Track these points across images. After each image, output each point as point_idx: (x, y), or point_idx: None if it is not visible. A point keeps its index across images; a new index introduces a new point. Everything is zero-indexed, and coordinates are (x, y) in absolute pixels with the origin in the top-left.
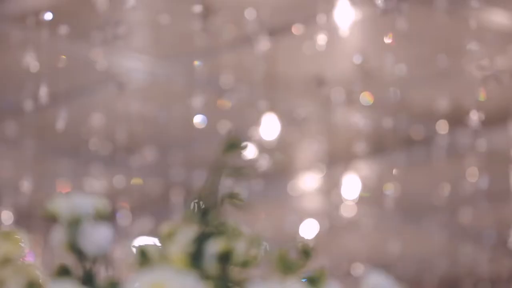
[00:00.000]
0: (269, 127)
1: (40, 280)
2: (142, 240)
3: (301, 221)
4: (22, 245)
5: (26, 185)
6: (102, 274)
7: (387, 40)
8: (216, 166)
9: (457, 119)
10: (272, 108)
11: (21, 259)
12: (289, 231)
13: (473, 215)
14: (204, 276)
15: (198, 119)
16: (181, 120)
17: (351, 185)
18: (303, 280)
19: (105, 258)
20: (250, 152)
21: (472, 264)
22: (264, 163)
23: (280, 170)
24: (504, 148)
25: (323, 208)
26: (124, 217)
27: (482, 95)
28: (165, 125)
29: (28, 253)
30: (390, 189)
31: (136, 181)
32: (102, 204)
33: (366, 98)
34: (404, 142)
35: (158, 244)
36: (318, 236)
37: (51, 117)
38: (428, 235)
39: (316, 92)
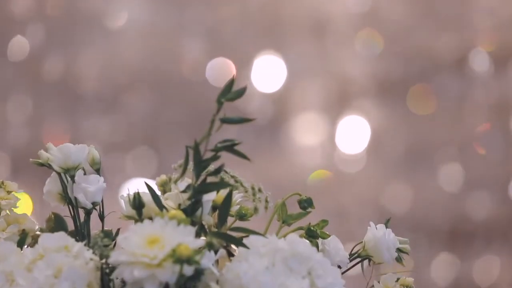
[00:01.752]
0: (270, 73)
1: (35, 230)
2: (138, 184)
3: (302, 171)
4: (15, 195)
5: (21, 133)
6: (95, 225)
7: None
8: (214, 113)
9: (461, 65)
10: (272, 53)
11: (13, 209)
12: (289, 182)
13: (482, 163)
14: (202, 229)
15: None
16: (178, 66)
17: (355, 133)
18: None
19: (98, 209)
20: (249, 98)
21: (482, 213)
22: (264, 111)
23: (280, 119)
24: (507, 94)
25: (325, 158)
26: (120, 165)
27: (490, 45)
28: (161, 72)
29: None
30: (397, 138)
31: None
32: (96, 153)
33: (371, 43)
34: (409, 89)
35: (155, 187)
36: (319, 186)
37: (43, 63)
38: (437, 184)
39: (318, 37)
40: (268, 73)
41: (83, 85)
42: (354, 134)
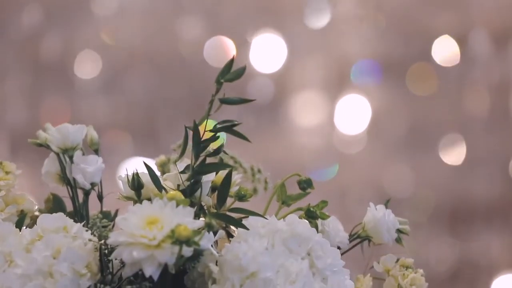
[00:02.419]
0: (269, 52)
1: (34, 210)
2: (137, 164)
3: (301, 152)
4: (14, 175)
5: (20, 114)
6: (94, 206)
7: None
8: (213, 94)
9: (462, 45)
10: (272, 32)
11: (11, 189)
12: (289, 162)
13: (482, 143)
14: (201, 210)
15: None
16: (177, 46)
17: (355, 113)
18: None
19: (97, 190)
20: (249, 78)
21: (483, 194)
22: (264, 91)
23: (280, 99)
24: (507, 74)
25: (325, 139)
26: (118, 147)
27: (490, 25)
28: (160, 52)
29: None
30: (397, 118)
31: None
32: (94, 133)
33: (371, 22)
34: (409, 69)
35: (155, 167)
36: (319, 167)
37: (42, 43)
38: (437, 164)
39: (318, 16)
40: (267, 52)
41: (82, 65)
42: (354, 114)
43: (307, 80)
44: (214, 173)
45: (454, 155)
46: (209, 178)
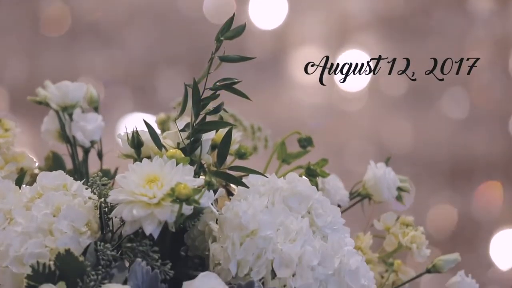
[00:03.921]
0: (270, 8)
1: (34, 168)
2: (136, 122)
3: (302, 109)
4: (13, 132)
5: (19, 71)
6: (94, 163)
7: None
8: (213, 51)
9: (462, 1)
10: None
11: (11, 147)
12: (289, 119)
13: (483, 100)
14: (201, 168)
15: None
16: (173, 1)
17: (356, 73)
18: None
19: (97, 147)
20: (249, 34)
21: (482, 150)
22: (264, 47)
23: (280, 55)
24: (508, 31)
25: (326, 95)
26: (118, 102)
27: None
28: (159, 6)
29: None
30: (398, 76)
31: None
32: (94, 91)
33: None
34: (409, 27)
35: (154, 125)
36: (320, 125)
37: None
38: (440, 120)
39: None
40: (268, 9)
41: (81, 20)
42: (355, 75)
43: (307, 36)
44: (214, 131)
45: (454, 111)
46: (209, 136)
